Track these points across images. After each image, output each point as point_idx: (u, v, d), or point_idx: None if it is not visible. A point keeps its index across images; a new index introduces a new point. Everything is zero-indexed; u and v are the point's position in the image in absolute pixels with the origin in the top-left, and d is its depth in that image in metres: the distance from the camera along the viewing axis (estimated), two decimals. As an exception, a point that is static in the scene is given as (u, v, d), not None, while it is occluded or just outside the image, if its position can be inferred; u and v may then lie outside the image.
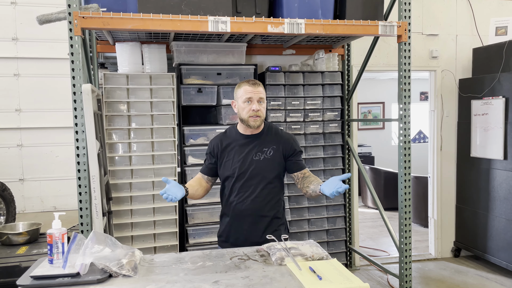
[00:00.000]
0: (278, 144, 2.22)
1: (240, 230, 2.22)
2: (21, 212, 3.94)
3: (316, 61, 3.98)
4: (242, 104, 2.16)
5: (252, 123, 2.16)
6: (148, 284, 1.53)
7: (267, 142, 2.22)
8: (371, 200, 6.98)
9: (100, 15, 2.56)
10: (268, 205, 2.22)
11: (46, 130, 4.05)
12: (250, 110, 2.14)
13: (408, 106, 3.14)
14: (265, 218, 2.21)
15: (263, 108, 2.18)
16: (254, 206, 2.19)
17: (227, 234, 2.27)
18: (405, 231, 3.19)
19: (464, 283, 3.95)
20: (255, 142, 2.22)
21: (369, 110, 8.95)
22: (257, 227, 2.20)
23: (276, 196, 2.25)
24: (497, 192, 4.06)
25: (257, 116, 2.15)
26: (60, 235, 1.66)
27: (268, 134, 2.25)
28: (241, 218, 2.21)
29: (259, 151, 2.20)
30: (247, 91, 2.15)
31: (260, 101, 2.16)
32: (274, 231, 2.19)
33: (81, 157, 2.54)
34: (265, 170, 2.19)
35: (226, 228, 2.27)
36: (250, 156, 2.20)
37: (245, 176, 2.19)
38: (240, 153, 2.21)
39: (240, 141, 2.24)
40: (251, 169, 2.18)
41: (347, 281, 1.51)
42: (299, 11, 2.95)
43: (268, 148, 2.21)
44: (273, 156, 2.20)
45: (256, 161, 2.19)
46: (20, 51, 3.98)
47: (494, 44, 4.20)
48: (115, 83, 3.38)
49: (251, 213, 2.19)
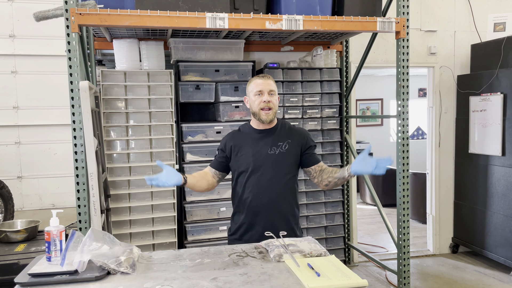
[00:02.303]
0: (293, 139, 2.20)
1: (256, 227, 2.16)
2: (19, 209, 3.94)
3: (314, 57, 3.97)
4: (253, 97, 2.17)
5: (263, 117, 2.15)
6: (146, 281, 1.53)
7: (281, 136, 2.20)
8: (370, 197, 6.99)
9: (97, 11, 2.55)
10: (285, 201, 2.18)
11: (44, 128, 4.04)
12: (261, 102, 2.13)
13: (406, 102, 3.14)
14: (281, 215, 2.17)
15: (275, 100, 2.17)
16: (270, 202, 2.14)
17: (242, 232, 2.20)
18: (403, 227, 3.19)
19: (462, 279, 3.96)
20: (270, 137, 2.20)
21: (368, 107, 8.95)
22: (273, 224, 2.13)
23: (292, 192, 2.22)
24: (495, 188, 4.07)
25: (268, 108, 2.14)
26: (58, 232, 1.65)
27: (282, 129, 2.23)
28: (257, 215, 2.16)
29: (274, 145, 2.17)
30: (258, 84, 2.16)
31: (271, 93, 2.15)
32: (289, 229, 2.15)
33: (79, 155, 2.53)
34: (281, 164, 2.16)
35: (241, 226, 2.21)
36: (265, 150, 2.17)
37: (259, 171, 2.15)
38: (254, 148, 2.18)
39: (254, 136, 2.22)
40: (266, 163, 2.15)
41: (345, 277, 1.52)
42: (297, 8, 2.94)
43: (283, 142, 2.18)
44: (288, 150, 2.17)
45: (272, 155, 2.16)
46: (17, 48, 3.97)
47: (492, 40, 4.19)
48: (113, 80, 3.37)
49: (267, 209, 2.15)
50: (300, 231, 2.29)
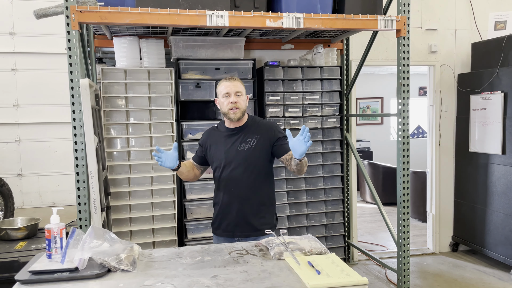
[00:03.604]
0: (261, 134, 2.34)
1: (229, 216, 2.35)
2: (19, 207, 3.94)
3: (315, 55, 3.97)
4: (222, 99, 2.32)
5: (232, 115, 2.30)
6: (146, 278, 1.53)
7: (250, 133, 2.35)
8: (370, 195, 6.99)
9: (97, 9, 2.55)
10: (254, 192, 2.34)
11: (44, 125, 4.04)
12: (229, 103, 2.28)
13: (406, 101, 3.13)
14: (252, 206, 2.33)
15: (242, 100, 2.31)
16: (240, 194, 2.32)
17: (219, 222, 2.40)
18: (403, 225, 3.20)
19: (462, 278, 3.96)
20: (240, 134, 2.35)
21: (368, 105, 8.94)
22: (244, 213, 2.32)
23: (263, 184, 2.37)
24: (495, 186, 4.07)
25: (235, 108, 2.28)
26: (59, 230, 1.65)
27: (251, 126, 2.38)
28: (229, 205, 2.35)
29: (243, 142, 2.33)
30: (225, 86, 2.30)
31: (237, 94, 2.29)
32: (260, 217, 2.34)
33: (79, 152, 2.53)
34: (249, 159, 2.31)
35: (218, 216, 2.41)
36: (235, 147, 2.33)
37: (230, 166, 2.32)
38: (226, 145, 2.36)
39: (226, 133, 2.39)
40: (236, 159, 2.31)
41: (345, 275, 1.52)
42: (298, 6, 2.93)
43: (251, 138, 2.33)
44: (256, 146, 2.32)
45: (241, 151, 2.32)
46: (17, 46, 3.97)
47: (493, 39, 4.19)
48: (113, 78, 3.36)
49: (237, 200, 2.32)
50: (275, 219, 2.46)
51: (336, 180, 4.08)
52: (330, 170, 4.04)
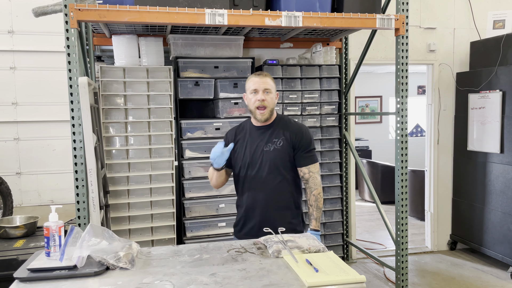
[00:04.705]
0: (287, 136, 2.23)
1: (253, 220, 2.25)
2: (18, 205, 3.94)
3: (314, 54, 3.97)
4: (250, 95, 2.22)
5: (259, 116, 2.21)
6: (145, 276, 1.54)
7: (277, 133, 2.24)
8: (368, 194, 7.00)
9: (96, 7, 2.54)
10: (280, 196, 2.24)
11: (42, 124, 4.04)
12: (256, 100, 2.18)
13: (405, 99, 3.14)
14: (276, 210, 2.23)
15: (270, 98, 2.21)
16: (264, 197, 2.22)
17: (242, 224, 2.31)
18: (401, 224, 3.20)
19: (460, 276, 3.98)
20: (266, 133, 2.25)
21: (367, 104, 8.95)
22: (268, 218, 2.20)
23: (288, 187, 2.26)
24: (494, 185, 4.08)
25: (263, 107, 2.18)
26: (57, 228, 1.66)
27: (279, 126, 2.27)
28: (253, 209, 2.24)
29: (269, 142, 2.23)
30: (254, 82, 2.20)
31: (266, 91, 2.18)
32: (286, 223, 2.19)
33: (78, 151, 2.53)
34: (275, 160, 2.21)
35: (241, 219, 2.31)
36: (260, 147, 2.23)
37: (255, 167, 2.22)
38: (251, 145, 2.25)
39: (252, 132, 2.28)
40: (261, 159, 2.21)
41: (343, 273, 1.52)
42: (297, 4, 2.93)
43: (278, 138, 2.23)
44: (283, 147, 2.22)
45: (266, 151, 2.22)
46: (16, 44, 3.96)
47: (492, 38, 4.19)
48: (112, 76, 3.36)
49: (262, 203, 2.22)
50: (302, 225, 2.35)
51: (335, 179, 4.09)
52: (328, 169, 4.05)
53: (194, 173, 3.57)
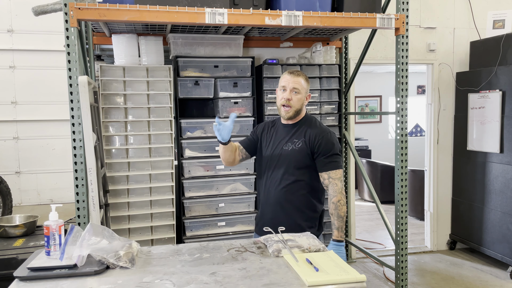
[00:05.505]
0: (307, 138, 2.20)
1: (266, 217, 2.26)
2: (17, 205, 3.94)
3: (314, 53, 3.97)
4: (278, 92, 2.23)
5: (282, 113, 2.21)
6: (145, 275, 1.54)
7: (299, 133, 2.23)
8: (368, 193, 7.01)
9: (96, 6, 2.54)
10: (292, 196, 2.20)
11: (42, 123, 4.04)
12: (282, 98, 2.19)
13: (405, 99, 3.14)
14: (285, 210, 2.21)
15: (298, 99, 2.18)
16: (277, 196, 2.21)
17: (258, 220, 2.34)
18: (401, 223, 3.20)
19: (459, 275, 3.98)
20: (290, 132, 2.25)
21: (366, 104, 8.95)
22: (279, 217, 2.19)
23: (302, 189, 2.22)
24: (493, 185, 4.08)
25: (287, 106, 2.17)
26: (57, 226, 1.65)
27: (302, 126, 2.25)
28: (267, 206, 2.26)
29: (290, 142, 2.22)
30: (285, 80, 2.20)
31: (294, 91, 2.17)
32: (296, 224, 2.17)
33: (77, 150, 2.53)
34: (290, 161, 2.19)
35: (258, 215, 2.36)
36: (281, 145, 2.23)
37: (273, 164, 2.23)
38: (275, 141, 2.26)
39: (279, 129, 2.30)
40: (279, 158, 2.21)
41: (343, 272, 1.52)
42: (297, 3, 2.93)
43: (298, 139, 2.21)
44: (301, 148, 2.19)
45: (285, 150, 2.21)
46: (15, 43, 3.96)
47: (492, 38, 4.19)
48: (112, 75, 3.36)
49: (274, 202, 2.23)
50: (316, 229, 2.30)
51: (335, 178, 4.08)
52: (328, 168, 4.04)
53: (194, 172, 3.57)
